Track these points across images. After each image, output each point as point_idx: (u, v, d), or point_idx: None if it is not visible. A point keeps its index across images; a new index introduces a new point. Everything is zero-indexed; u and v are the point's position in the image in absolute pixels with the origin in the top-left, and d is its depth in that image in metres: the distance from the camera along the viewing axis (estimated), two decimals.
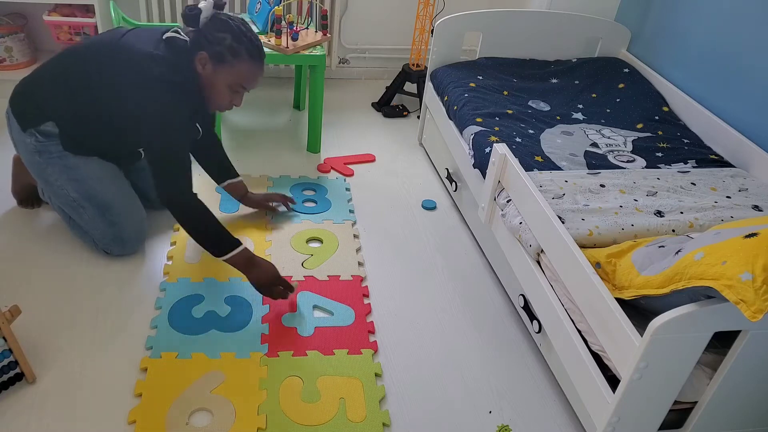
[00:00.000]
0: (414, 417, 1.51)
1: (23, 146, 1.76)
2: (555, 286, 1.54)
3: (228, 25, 1.64)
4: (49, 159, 1.74)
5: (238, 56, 1.64)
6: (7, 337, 1.42)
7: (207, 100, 1.71)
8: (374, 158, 2.60)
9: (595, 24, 2.57)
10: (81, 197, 1.78)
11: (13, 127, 1.76)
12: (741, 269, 1.09)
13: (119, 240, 1.85)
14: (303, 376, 1.57)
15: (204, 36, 1.63)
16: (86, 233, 1.87)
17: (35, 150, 1.73)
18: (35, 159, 1.75)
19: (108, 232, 1.83)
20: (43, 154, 1.74)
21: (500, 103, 2.23)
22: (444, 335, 1.76)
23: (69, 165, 1.75)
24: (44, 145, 1.73)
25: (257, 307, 1.76)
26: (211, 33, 1.63)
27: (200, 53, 1.64)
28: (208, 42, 1.63)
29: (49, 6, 2.66)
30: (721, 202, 1.71)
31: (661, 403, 1.27)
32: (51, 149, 1.73)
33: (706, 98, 2.19)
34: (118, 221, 1.82)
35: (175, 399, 1.46)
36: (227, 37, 1.63)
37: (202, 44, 1.64)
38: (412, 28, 3.06)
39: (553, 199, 1.68)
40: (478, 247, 2.12)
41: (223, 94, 1.70)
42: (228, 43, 1.63)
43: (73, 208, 1.81)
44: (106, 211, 1.80)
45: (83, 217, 1.82)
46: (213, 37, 1.63)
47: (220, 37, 1.63)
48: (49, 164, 1.75)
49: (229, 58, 1.64)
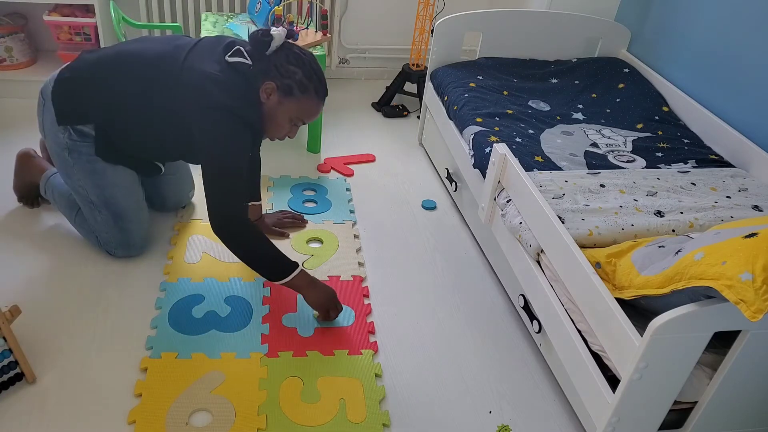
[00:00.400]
0: (414, 417, 1.51)
1: (54, 138, 1.73)
2: (555, 286, 1.54)
3: (301, 60, 1.62)
4: (78, 159, 1.73)
5: (306, 92, 1.63)
6: (7, 337, 1.42)
7: (264, 127, 1.68)
8: (374, 158, 2.60)
9: (595, 24, 2.57)
10: (100, 202, 1.79)
11: (47, 116, 1.72)
12: (741, 269, 1.09)
13: (126, 244, 1.86)
14: (303, 376, 1.57)
15: (274, 66, 1.60)
16: (91, 232, 1.87)
17: (66, 147, 1.72)
18: (64, 155, 1.74)
19: (117, 236, 1.84)
20: (73, 152, 1.72)
21: (500, 103, 2.23)
22: (444, 335, 1.76)
23: (96, 170, 1.75)
24: (76, 144, 1.71)
25: (257, 307, 1.76)
26: (283, 65, 1.60)
27: (268, 83, 1.60)
28: (278, 73, 1.60)
29: (49, 6, 2.66)
30: (721, 202, 1.71)
31: (661, 403, 1.27)
32: (82, 150, 1.72)
33: (706, 98, 2.19)
34: (129, 228, 1.84)
35: (175, 399, 1.46)
36: (299, 72, 1.61)
37: (271, 74, 1.60)
38: (412, 28, 3.06)
39: (553, 199, 1.68)
40: (478, 247, 2.12)
41: (283, 125, 1.68)
42: (299, 78, 1.61)
43: (89, 208, 1.81)
44: (120, 218, 1.82)
45: (96, 218, 1.82)
46: (285, 70, 1.60)
47: (292, 70, 1.60)
48: (77, 164, 1.74)
49: (297, 93, 1.62)
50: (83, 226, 1.89)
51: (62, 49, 2.72)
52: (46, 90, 1.73)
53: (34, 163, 2.00)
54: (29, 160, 2.00)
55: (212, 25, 2.53)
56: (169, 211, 2.11)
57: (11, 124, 2.54)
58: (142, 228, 1.89)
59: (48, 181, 1.95)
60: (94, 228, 1.85)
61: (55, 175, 1.95)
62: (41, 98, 1.74)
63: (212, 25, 2.53)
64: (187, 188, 2.12)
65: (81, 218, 1.88)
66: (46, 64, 2.83)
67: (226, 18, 2.61)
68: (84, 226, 1.88)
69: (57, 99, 1.69)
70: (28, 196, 2.06)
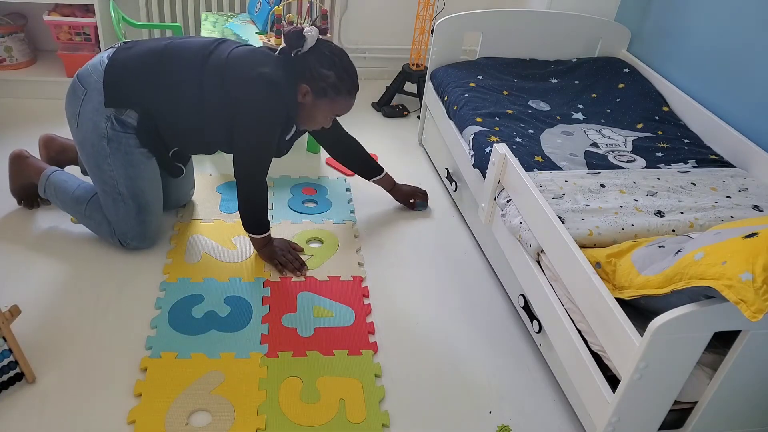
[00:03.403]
0: (414, 417, 1.51)
1: (92, 127, 1.73)
2: (555, 286, 1.54)
3: (333, 62, 1.73)
4: (116, 150, 1.75)
5: (339, 93, 1.75)
6: (7, 337, 1.42)
7: (300, 120, 1.83)
8: (376, 158, 2.60)
9: (595, 24, 2.57)
10: (129, 193, 1.82)
11: (89, 104, 1.72)
12: (741, 269, 1.09)
13: (142, 236, 1.90)
14: (303, 376, 1.57)
15: (309, 69, 1.72)
16: (102, 223, 1.88)
17: (105, 135, 1.73)
18: (101, 144, 1.74)
19: (136, 228, 1.87)
20: (112, 142, 1.74)
21: (500, 103, 2.23)
22: (444, 335, 1.76)
23: (132, 162, 1.78)
24: (118, 134, 1.73)
25: (257, 307, 1.76)
26: (316, 68, 1.72)
27: (303, 86, 1.73)
28: (312, 77, 1.72)
29: (49, 6, 2.66)
30: (721, 202, 1.71)
31: (661, 403, 1.27)
32: (122, 140, 1.74)
33: (706, 98, 2.19)
34: (149, 220, 1.89)
35: (174, 399, 1.46)
36: (331, 75, 1.72)
37: (306, 77, 1.72)
38: (412, 28, 3.06)
39: (553, 199, 1.68)
40: (478, 247, 2.12)
41: (318, 120, 1.82)
42: (332, 81, 1.73)
43: (113, 199, 1.82)
44: (143, 210, 1.86)
45: (119, 209, 1.83)
46: (318, 73, 1.72)
47: (325, 74, 1.72)
48: (114, 155, 1.75)
49: (331, 94, 1.75)
50: (93, 218, 1.89)
51: (62, 49, 2.72)
52: (89, 79, 1.73)
53: (29, 164, 1.98)
54: (24, 160, 1.98)
55: (212, 25, 2.53)
56: (169, 209, 2.11)
57: (11, 124, 2.54)
58: (159, 221, 1.95)
59: (48, 180, 1.94)
60: (113, 219, 1.85)
61: (55, 173, 1.95)
62: (81, 87, 1.74)
63: (212, 25, 2.53)
64: (188, 186, 2.12)
65: (91, 210, 1.88)
66: (46, 64, 2.83)
67: (226, 18, 2.61)
68: (94, 218, 1.89)
69: (112, 83, 1.71)
70: (26, 199, 2.05)
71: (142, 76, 1.72)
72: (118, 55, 1.75)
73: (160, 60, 1.72)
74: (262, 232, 1.89)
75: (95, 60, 1.76)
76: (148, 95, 1.73)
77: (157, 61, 1.72)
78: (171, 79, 1.72)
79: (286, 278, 1.87)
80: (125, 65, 1.73)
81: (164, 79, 1.72)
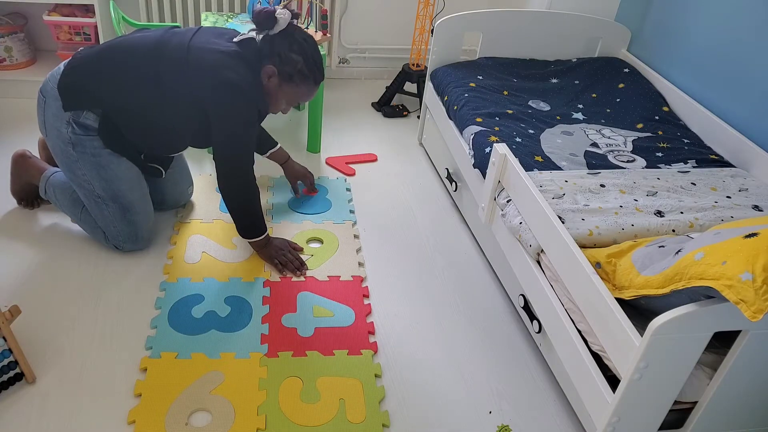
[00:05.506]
0: (414, 417, 1.51)
1: (56, 134, 1.73)
2: (555, 286, 1.54)
3: (303, 49, 1.72)
4: (82, 153, 1.74)
5: (305, 80, 1.74)
6: (7, 337, 1.42)
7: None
8: (376, 158, 2.60)
9: (595, 24, 2.57)
10: (107, 196, 1.80)
11: (49, 111, 1.72)
12: (741, 269, 1.09)
13: (134, 237, 1.88)
14: (303, 376, 1.56)
15: (277, 53, 1.69)
16: (96, 228, 1.87)
17: (69, 141, 1.72)
18: (68, 150, 1.74)
19: (125, 230, 1.86)
20: (77, 146, 1.73)
21: (500, 103, 2.23)
22: (444, 335, 1.76)
23: (101, 163, 1.76)
24: (80, 138, 1.72)
25: (257, 307, 1.76)
26: (286, 53, 1.69)
27: (268, 67, 1.70)
28: (280, 60, 1.70)
29: (49, 6, 2.66)
30: (721, 202, 1.71)
31: (661, 403, 1.27)
32: (86, 143, 1.73)
33: (706, 98, 2.19)
34: (136, 220, 1.87)
35: (174, 399, 1.46)
36: (300, 61, 1.71)
37: (273, 59, 1.70)
38: (412, 28, 3.07)
39: (553, 199, 1.68)
40: (478, 247, 2.12)
41: (279, 104, 1.80)
42: (300, 67, 1.71)
43: (95, 203, 1.82)
44: (127, 211, 1.84)
45: (103, 212, 1.83)
46: (287, 58, 1.70)
47: (294, 59, 1.70)
48: (81, 158, 1.74)
49: (297, 80, 1.73)
50: (88, 222, 1.89)
51: (62, 49, 2.72)
52: (46, 87, 1.73)
53: (31, 164, 1.99)
54: (26, 160, 1.99)
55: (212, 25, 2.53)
56: (168, 209, 2.11)
57: (11, 124, 2.54)
58: (149, 220, 1.92)
59: (48, 180, 1.94)
60: (102, 223, 1.85)
61: (56, 174, 1.95)
62: (41, 96, 1.74)
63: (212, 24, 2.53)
64: (186, 185, 2.12)
65: (86, 215, 1.88)
66: (45, 64, 2.83)
67: (225, 18, 2.61)
68: (89, 222, 1.88)
69: (65, 86, 1.70)
70: (27, 199, 2.06)
71: (96, 75, 1.70)
72: (73, 60, 1.74)
73: (111, 57, 1.70)
74: (257, 236, 1.87)
75: (55, 69, 1.76)
76: (103, 94, 1.70)
77: (109, 58, 1.70)
78: (125, 76, 1.68)
79: (286, 278, 1.87)
80: (78, 68, 1.71)
81: (118, 76, 1.68)
